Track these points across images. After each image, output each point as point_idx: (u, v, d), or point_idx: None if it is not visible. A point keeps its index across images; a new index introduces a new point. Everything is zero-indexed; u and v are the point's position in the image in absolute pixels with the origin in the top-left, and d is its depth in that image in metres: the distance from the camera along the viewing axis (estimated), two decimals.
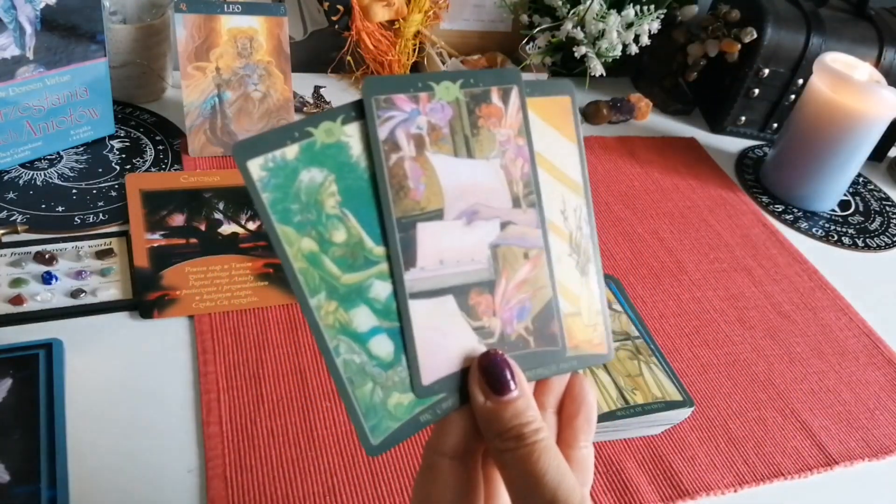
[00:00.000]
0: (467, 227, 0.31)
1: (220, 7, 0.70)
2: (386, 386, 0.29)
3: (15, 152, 0.66)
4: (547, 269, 0.33)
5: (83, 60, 0.66)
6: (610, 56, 0.90)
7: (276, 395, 0.52)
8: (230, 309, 0.57)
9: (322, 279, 0.28)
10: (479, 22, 0.96)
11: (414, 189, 0.30)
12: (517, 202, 0.32)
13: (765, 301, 0.72)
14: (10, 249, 0.58)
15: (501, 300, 0.31)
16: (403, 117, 0.30)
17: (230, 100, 0.72)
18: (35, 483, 0.43)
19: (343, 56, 0.88)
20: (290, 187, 0.28)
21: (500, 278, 0.31)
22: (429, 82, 0.30)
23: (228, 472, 0.47)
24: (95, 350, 0.53)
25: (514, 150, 0.32)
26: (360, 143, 0.29)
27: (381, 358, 0.29)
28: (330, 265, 0.28)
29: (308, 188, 0.28)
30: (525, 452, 0.28)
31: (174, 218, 0.64)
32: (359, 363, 0.29)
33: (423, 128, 0.30)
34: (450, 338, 0.30)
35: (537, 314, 0.32)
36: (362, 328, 0.29)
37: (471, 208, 0.31)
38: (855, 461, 0.57)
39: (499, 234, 0.32)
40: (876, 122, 0.80)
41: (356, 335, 0.29)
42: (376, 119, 0.29)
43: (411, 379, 0.29)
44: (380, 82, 0.29)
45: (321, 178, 0.28)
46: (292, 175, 0.28)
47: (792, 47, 0.91)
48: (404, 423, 0.29)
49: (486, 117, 0.31)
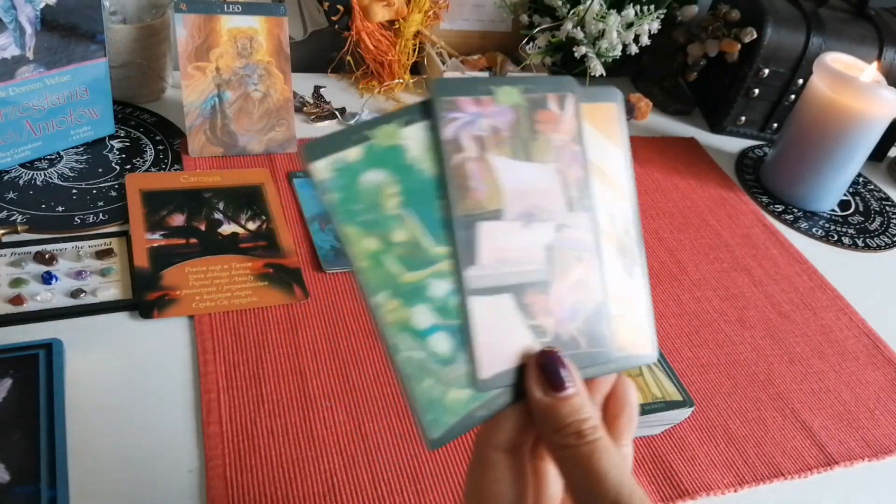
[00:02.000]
0: (524, 229, 0.32)
1: (220, 7, 0.70)
2: (444, 382, 0.30)
3: (15, 152, 0.66)
4: (598, 271, 0.33)
5: (83, 60, 0.66)
6: (610, 56, 0.90)
7: (276, 395, 0.52)
8: (230, 309, 0.57)
9: (384, 278, 0.29)
10: (479, 22, 0.96)
11: (475, 189, 0.31)
12: (571, 206, 0.33)
13: (765, 301, 0.72)
14: (10, 249, 0.58)
15: (556, 300, 0.32)
16: (467, 119, 0.31)
17: (230, 100, 0.72)
18: (35, 483, 0.43)
19: (343, 56, 0.88)
20: (353, 188, 0.29)
21: (554, 279, 0.32)
22: (491, 87, 0.31)
23: (228, 472, 0.47)
24: (95, 350, 0.53)
25: (569, 155, 0.33)
26: (419, 145, 0.30)
27: (440, 354, 0.30)
28: (392, 264, 0.29)
29: (370, 189, 0.29)
30: (586, 451, 0.29)
31: (174, 218, 0.64)
32: (419, 360, 0.30)
33: (485, 130, 0.31)
34: (507, 335, 0.31)
35: (589, 315, 0.33)
36: (422, 325, 0.30)
37: (528, 210, 0.32)
38: (855, 461, 0.57)
39: (554, 237, 0.33)
40: (876, 122, 0.80)
41: (416, 332, 0.30)
42: (443, 120, 0.30)
43: (470, 374, 0.30)
44: (447, 84, 0.31)
45: (382, 179, 0.29)
46: (355, 176, 0.29)
47: (792, 47, 0.91)
48: (461, 418, 0.30)
49: (543, 122, 0.33)
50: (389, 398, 0.54)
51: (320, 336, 0.57)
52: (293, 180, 0.72)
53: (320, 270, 0.63)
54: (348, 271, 0.63)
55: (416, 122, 0.30)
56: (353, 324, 0.59)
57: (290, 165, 0.74)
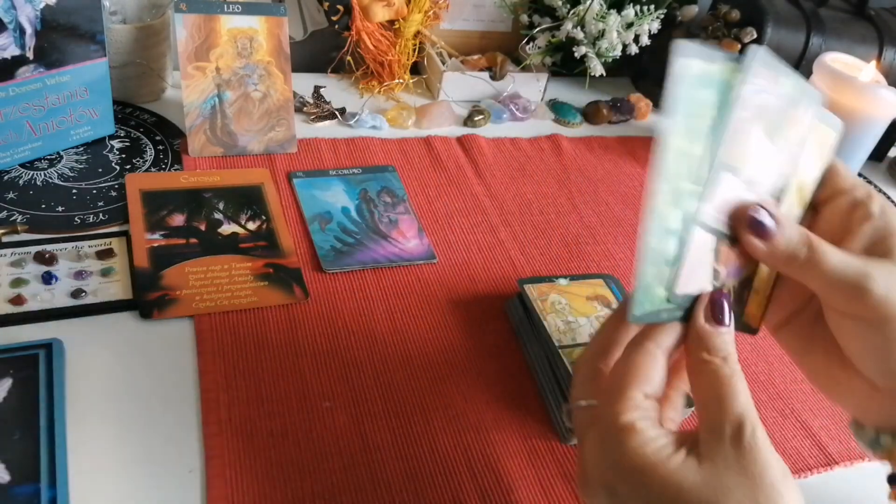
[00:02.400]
0: (743, 191, 0.38)
1: (220, 7, 0.70)
2: (660, 277, 0.36)
3: (15, 152, 0.66)
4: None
5: (83, 60, 0.66)
6: (610, 56, 0.90)
7: (276, 395, 0.52)
8: (230, 309, 0.57)
9: (675, 173, 0.35)
10: (479, 22, 0.96)
11: (735, 143, 0.37)
12: (772, 193, 0.39)
13: None
14: (10, 249, 0.58)
15: (732, 257, 0.39)
16: (758, 89, 0.37)
17: (230, 100, 0.72)
18: (35, 483, 0.43)
19: (343, 56, 0.88)
20: (697, 94, 0.35)
21: (737, 242, 0.39)
22: (784, 77, 0.39)
23: (228, 472, 0.47)
24: (95, 350, 0.53)
25: (792, 156, 0.40)
26: (732, 90, 0.36)
27: (668, 255, 0.36)
28: (684, 166, 0.35)
29: (703, 102, 0.36)
30: (728, 372, 0.35)
31: (174, 218, 0.64)
32: (659, 250, 0.36)
33: (763, 103, 0.37)
34: (700, 267, 0.38)
35: (742, 280, 0.40)
36: (672, 225, 0.36)
37: (752, 178, 0.38)
38: (855, 461, 0.57)
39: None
40: (876, 122, 0.80)
41: (667, 228, 0.36)
42: (748, 81, 0.36)
43: (671, 282, 0.37)
44: (765, 57, 0.37)
45: (712, 100, 0.36)
46: (704, 86, 0.35)
47: (792, 47, 0.91)
48: (654, 311, 0.37)
49: (792, 120, 0.39)
50: (389, 398, 0.54)
51: (320, 336, 0.57)
52: (293, 180, 0.72)
53: (320, 270, 0.63)
54: (348, 271, 0.63)
55: (738, 71, 0.36)
56: (353, 324, 0.59)
57: (290, 165, 0.74)
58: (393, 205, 0.72)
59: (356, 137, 0.81)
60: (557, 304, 0.60)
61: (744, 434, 0.33)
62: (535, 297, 0.60)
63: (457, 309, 0.63)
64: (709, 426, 0.35)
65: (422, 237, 0.69)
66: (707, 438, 0.34)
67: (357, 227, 0.68)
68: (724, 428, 0.34)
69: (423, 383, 0.56)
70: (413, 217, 0.71)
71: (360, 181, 0.74)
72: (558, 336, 0.57)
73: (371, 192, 0.73)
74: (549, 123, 0.93)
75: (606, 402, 0.36)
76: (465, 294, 0.64)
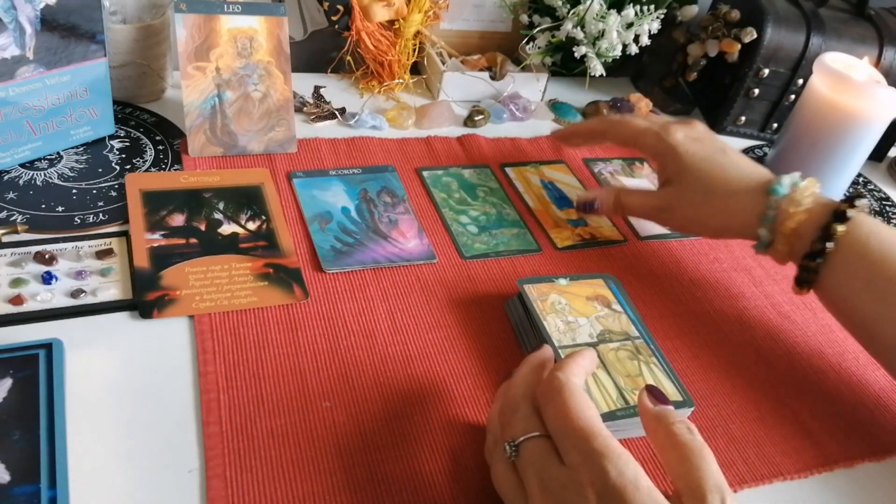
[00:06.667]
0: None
1: (220, 7, 0.70)
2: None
3: (15, 152, 0.66)
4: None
5: (83, 60, 0.66)
6: (610, 56, 0.90)
7: (276, 395, 0.52)
8: (230, 309, 0.57)
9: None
10: (479, 22, 0.96)
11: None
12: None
13: (765, 301, 0.72)
14: (10, 249, 0.58)
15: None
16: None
17: (230, 100, 0.72)
18: (35, 483, 0.43)
19: (343, 56, 0.88)
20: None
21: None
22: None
23: (228, 472, 0.47)
24: (95, 350, 0.53)
25: None
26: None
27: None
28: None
29: None
30: (699, 443, 0.41)
31: (174, 218, 0.64)
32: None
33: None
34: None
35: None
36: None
37: None
38: (855, 461, 0.57)
39: None
40: (876, 122, 0.80)
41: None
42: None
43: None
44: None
45: None
46: None
47: (792, 47, 0.91)
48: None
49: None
50: (389, 398, 0.54)
51: (320, 336, 0.57)
52: (293, 180, 0.72)
53: (320, 270, 0.63)
54: (348, 271, 0.63)
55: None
56: (353, 324, 0.59)
57: (290, 165, 0.74)
58: (393, 205, 0.72)
59: (356, 137, 0.81)
60: (557, 304, 0.60)
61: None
62: (535, 297, 0.60)
63: (457, 309, 0.63)
64: (691, 495, 0.39)
65: (422, 237, 0.69)
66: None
67: (357, 228, 0.68)
68: (711, 499, 0.39)
69: (423, 383, 0.56)
70: (413, 217, 0.71)
71: (360, 181, 0.74)
72: (558, 336, 0.57)
73: (371, 192, 0.73)
74: (549, 123, 0.93)
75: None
76: (465, 294, 0.64)
